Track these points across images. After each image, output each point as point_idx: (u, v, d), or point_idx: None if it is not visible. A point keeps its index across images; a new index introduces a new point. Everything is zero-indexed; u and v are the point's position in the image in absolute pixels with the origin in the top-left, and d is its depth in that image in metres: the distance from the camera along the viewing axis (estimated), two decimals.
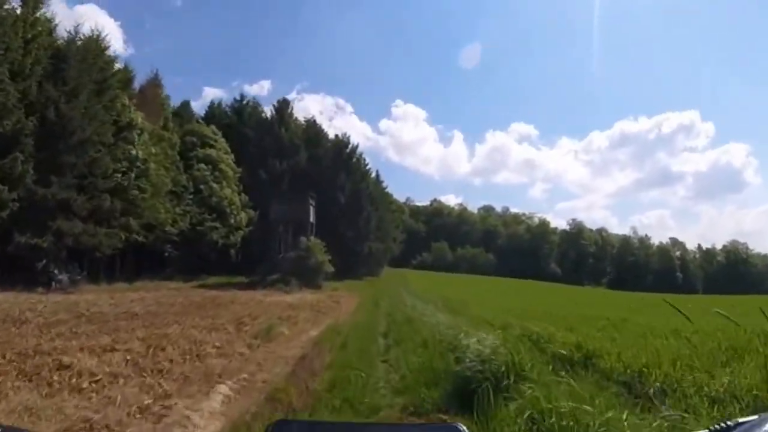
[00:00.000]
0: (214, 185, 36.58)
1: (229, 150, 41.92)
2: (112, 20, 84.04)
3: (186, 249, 33.77)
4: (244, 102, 51.72)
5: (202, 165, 37.09)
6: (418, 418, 4.98)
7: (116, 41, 77.32)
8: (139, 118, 31.16)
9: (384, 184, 59.98)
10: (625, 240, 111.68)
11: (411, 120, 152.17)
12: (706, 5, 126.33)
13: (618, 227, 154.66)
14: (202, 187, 35.84)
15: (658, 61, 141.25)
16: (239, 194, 39.55)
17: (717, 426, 1.02)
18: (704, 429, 1.03)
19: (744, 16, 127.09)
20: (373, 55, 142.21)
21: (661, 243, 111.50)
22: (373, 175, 53.66)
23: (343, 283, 35.95)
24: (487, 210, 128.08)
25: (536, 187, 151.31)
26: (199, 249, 34.19)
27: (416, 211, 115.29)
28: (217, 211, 35.63)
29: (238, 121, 48.62)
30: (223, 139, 42.02)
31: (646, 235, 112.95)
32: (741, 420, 1.02)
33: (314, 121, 49.13)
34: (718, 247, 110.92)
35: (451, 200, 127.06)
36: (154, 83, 37.86)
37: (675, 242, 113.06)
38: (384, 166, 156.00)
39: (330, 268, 32.49)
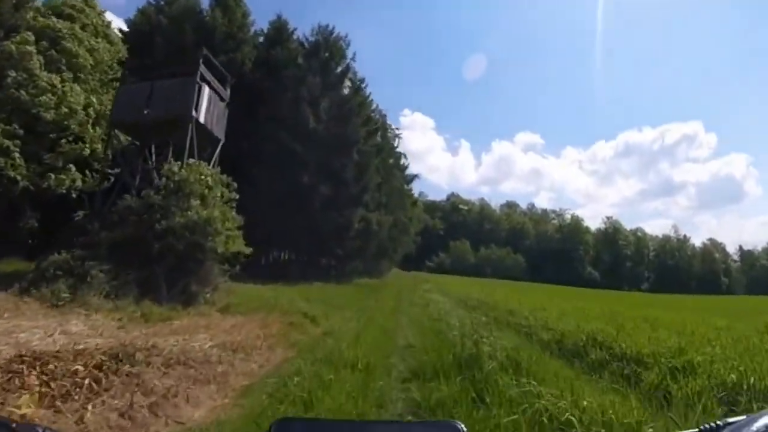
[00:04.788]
0: (40, 73, 16.27)
1: (112, 35, 21.98)
2: None
3: None
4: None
5: (26, 35, 16.92)
6: None
7: None
8: None
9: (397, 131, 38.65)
10: (664, 240, 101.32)
11: (419, 129, 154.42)
12: (709, 16, 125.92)
13: None
14: (9, 73, 15.60)
15: (662, 72, 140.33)
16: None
17: (706, 426, 1.01)
18: (694, 428, 1.04)
19: (747, 27, 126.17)
20: (380, 64, 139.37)
21: (704, 244, 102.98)
22: (377, 106, 32.63)
23: (295, 288, 15.61)
24: (511, 206, 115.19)
25: (541, 195, 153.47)
26: None
27: (432, 207, 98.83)
28: (29, 120, 15.22)
29: None
30: (105, 15, 21.97)
31: (685, 236, 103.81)
32: (730, 420, 1.02)
33: (279, 16, 28.31)
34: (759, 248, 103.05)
35: None
36: None
37: (714, 243, 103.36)
38: None
39: (240, 247, 11.82)
